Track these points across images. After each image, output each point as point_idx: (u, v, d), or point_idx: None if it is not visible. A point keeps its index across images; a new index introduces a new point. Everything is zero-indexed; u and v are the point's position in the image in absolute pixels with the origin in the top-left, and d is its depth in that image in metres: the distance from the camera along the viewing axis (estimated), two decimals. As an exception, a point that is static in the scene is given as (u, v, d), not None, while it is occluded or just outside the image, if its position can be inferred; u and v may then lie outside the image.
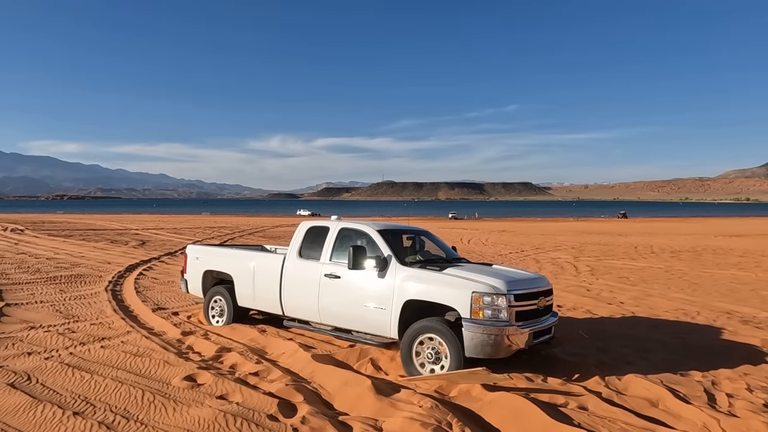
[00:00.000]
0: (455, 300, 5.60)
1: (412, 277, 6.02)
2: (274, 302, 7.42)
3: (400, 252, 6.57)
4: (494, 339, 5.36)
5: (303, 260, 7.15)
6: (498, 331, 5.38)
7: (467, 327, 5.44)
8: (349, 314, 6.54)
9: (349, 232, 6.97)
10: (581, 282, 13.46)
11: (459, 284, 5.67)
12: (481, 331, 5.38)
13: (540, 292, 6.05)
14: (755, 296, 11.52)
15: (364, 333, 6.48)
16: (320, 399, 5.06)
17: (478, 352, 5.41)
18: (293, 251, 7.29)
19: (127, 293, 10.81)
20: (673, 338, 7.73)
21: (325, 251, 6.93)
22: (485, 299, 5.46)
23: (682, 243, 27.57)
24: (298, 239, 7.32)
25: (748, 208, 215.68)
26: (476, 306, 5.46)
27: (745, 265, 17.58)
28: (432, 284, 5.86)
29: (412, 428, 4.18)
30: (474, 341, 5.39)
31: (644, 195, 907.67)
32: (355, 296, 6.44)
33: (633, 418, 4.55)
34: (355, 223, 7.13)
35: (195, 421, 4.32)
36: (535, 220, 73.03)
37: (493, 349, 5.39)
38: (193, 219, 54.91)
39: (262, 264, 7.69)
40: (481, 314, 5.44)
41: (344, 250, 6.72)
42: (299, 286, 7.09)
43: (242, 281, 7.86)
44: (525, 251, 22.46)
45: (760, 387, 5.57)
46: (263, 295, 7.57)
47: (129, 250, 19.59)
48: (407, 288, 5.98)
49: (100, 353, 6.36)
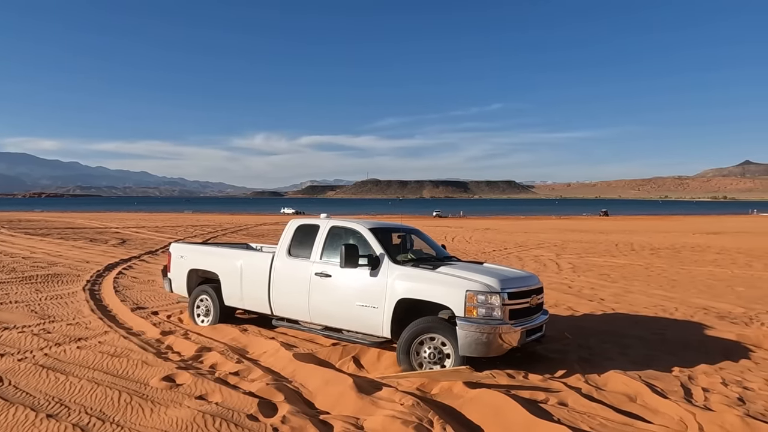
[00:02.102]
0: (449, 298, 5.59)
1: (405, 276, 5.98)
2: (263, 301, 7.31)
3: (391, 250, 6.51)
4: (488, 337, 5.37)
5: (292, 259, 7.05)
6: (492, 329, 5.39)
7: (461, 325, 5.44)
8: (341, 313, 6.47)
9: (339, 230, 6.89)
10: (563, 279, 13.60)
11: (453, 283, 5.65)
12: (475, 329, 5.38)
13: (532, 290, 6.08)
14: (731, 292, 11.76)
15: (355, 332, 6.42)
16: (301, 398, 5.02)
17: (472, 350, 5.41)
18: (282, 250, 7.18)
19: (106, 293, 10.61)
20: (652, 334, 7.84)
21: (315, 250, 6.84)
22: (479, 298, 5.46)
23: (661, 240, 28.04)
24: (287, 237, 7.21)
25: (725, 206, 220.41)
26: (470, 304, 5.46)
27: (722, 262, 17.94)
28: (425, 283, 5.84)
29: (393, 426, 4.16)
30: (468, 340, 5.39)
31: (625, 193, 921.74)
32: (347, 295, 6.38)
33: (612, 414, 4.60)
34: (346, 221, 7.05)
35: (173, 422, 4.25)
36: (518, 218, 73.65)
37: (487, 348, 5.40)
38: (176, 217, 54.22)
39: (250, 263, 7.56)
40: (475, 313, 5.44)
41: (335, 249, 6.65)
42: (289, 285, 6.99)
43: (229, 280, 7.72)
44: (508, 249, 22.62)
45: (735, 381, 5.67)
46: (251, 295, 7.45)
47: (108, 249, 19.25)
48: (400, 286, 5.95)
49: (76, 354, 6.22)
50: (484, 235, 32.65)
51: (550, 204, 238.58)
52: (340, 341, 6.90)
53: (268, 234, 29.64)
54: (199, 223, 42.20)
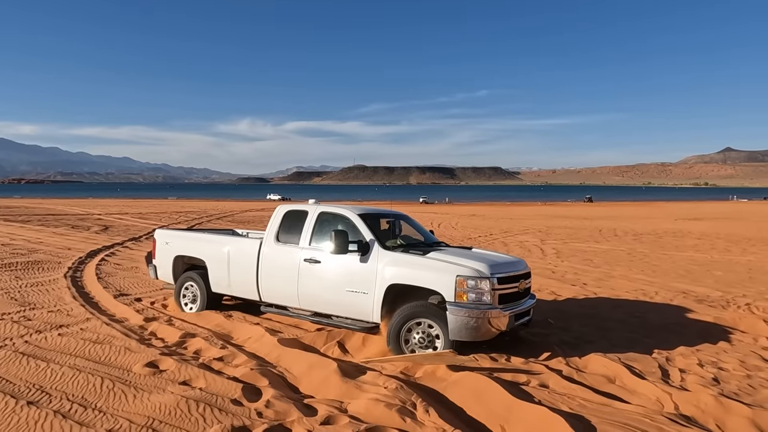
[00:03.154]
0: (439, 284, 5.63)
1: (395, 262, 6.00)
2: (251, 288, 7.26)
3: (381, 236, 6.52)
4: (478, 322, 5.43)
5: (281, 245, 7.01)
6: (481, 314, 5.45)
7: (451, 310, 5.49)
8: (330, 299, 6.47)
9: (328, 216, 6.86)
10: (547, 264, 13.76)
11: (443, 268, 5.69)
12: (465, 314, 5.43)
13: (520, 275, 6.15)
14: (710, 276, 12.01)
15: (344, 318, 6.43)
16: (286, 383, 5.04)
17: (462, 335, 5.47)
18: (270, 236, 7.13)
19: (88, 280, 10.48)
20: (632, 317, 7.99)
21: (304, 236, 6.81)
22: (469, 283, 5.50)
23: (643, 226, 28.45)
24: (275, 223, 7.16)
25: (707, 192, 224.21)
26: (460, 289, 5.50)
27: (702, 247, 18.28)
28: (416, 268, 5.87)
29: (376, 409, 4.21)
30: (458, 324, 5.44)
31: (609, 180, 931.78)
32: (337, 281, 6.38)
33: (591, 394, 4.70)
34: (335, 206, 7.02)
35: (156, 408, 4.24)
36: (504, 204, 74.10)
37: (477, 332, 5.46)
38: (159, 204, 53.58)
39: (237, 249, 7.49)
40: (465, 297, 5.49)
41: (324, 235, 6.64)
42: (277, 271, 6.95)
43: (216, 267, 7.65)
44: (493, 235, 22.78)
45: (711, 362, 5.82)
46: (239, 281, 7.40)
47: (91, 236, 18.98)
48: (391, 272, 5.96)
49: (58, 341, 6.16)
50: (470, 221, 32.83)
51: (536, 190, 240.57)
52: (325, 326, 6.92)
53: (254, 220, 29.46)
54: (184, 209, 41.76)
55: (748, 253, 16.58)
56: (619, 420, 4.07)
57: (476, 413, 4.32)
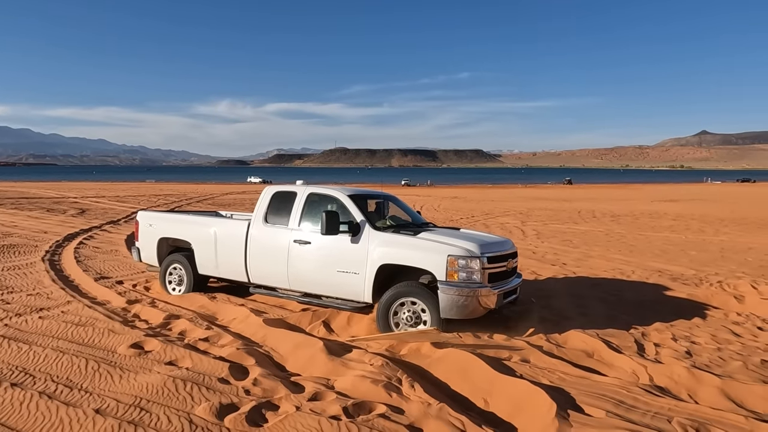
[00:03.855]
0: (431, 263, 5.71)
1: (386, 242, 6.06)
2: (239, 269, 7.24)
3: (371, 217, 6.55)
4: (468, 300, 5.54)
5: (269, 226, 6.98)
6: (472, 292, 5.56)
7: (443, 289, 5.58)
8: (321, 280, 6.49)
9: (318, 197, 6.85)
10: (528, 245, 13.97)
11: (434, 248, 5.77)
12: (456, 293, 5.54)
13: (508, 255, 6.26)
14: (684, 256, 12.36)
15: (335, 298, 6.48)
16: (272, 362, 5.09)
17: (453, 313, 5.58)
18: (258, 217, 7.09)
19: (67, 263, 10.32)
20: (610, 295, 8.21)
21: (294, 217, 6.80)
22: (460, 262, 5.60)
23: (621, 208, 29.01)
24: (263, 205, 7.11)
25: (682, 174, 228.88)
26: (452, 269, 5.60)
27: (677, 227, 18.75)
28: (408, 248, 5.93)
29: (363, 385, 4.28)
30: (449, 303, 5.55)
31: (588, 162, 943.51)
32: (327, 261, 6.41)
33: (570, 368, 4.85)
34: (324, 188, 7.01)
35: (143, 387, 4.25)
36: (485, 186, 74.63)
37: (467, 310, 5.58)
38: (137, 187, 52.62)
39: (224, 231, 7.42)
40: (456, 276, 5.59)
41: (313, 216, 6.64)
42: (267, 252, 6.94)
43: (203, 249, 7.59)
44: (475, 217, 23.00)
45: (684, 336, 6.05)
46: (227, 263, 7.35)
47: (67, 219, 18.60)
48: (382, 252, 6.02)
49: (39, 324, 6.08)
50: (452, 203, 33.04)
51: (517, 173, 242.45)
52: (310, 306, 6.96)
53: (234, 203, 29.18)
54: (163, 192, 41.12)
55: (721, 233, 17.08)
56: (596, 391, 4.23)
57: (460, 388, 4.44)
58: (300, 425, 3.64)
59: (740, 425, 3.71)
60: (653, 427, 3.62)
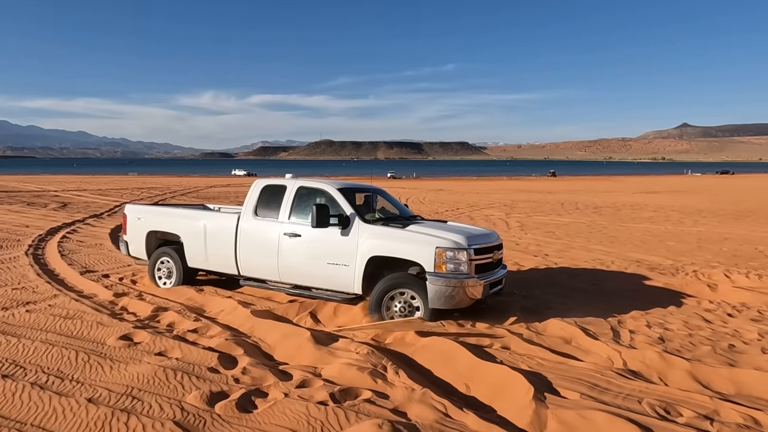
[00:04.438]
0: (420, 255, 5.88)
1: (376, 235, 6.20)
2: (230, 262, 7.31)
3: (360, 210, 6.69)
4: (456, 291, 5.73)
5: (260, 219, 7.07)
6: (459, 283, 5.74)
7: (431, 280, 5.75)
8: (312, 272, 6.62)
9: (307, 190, 6.96)
10: (511, 237, 14.22)
11: (423, 240, 5.94)
12: (444, 283, 5.72)
13: (494, 246, 6.47)
14: (662, 246, 12.71)
15: (325, 289, 6.62)
16: (261, 351, 5.21)
17: (441, 303, 5.76)
18: (248, 210, 7.17)
19: (51, 257, 10.27)
20: (589, 285, 8.46)
21: (284, 210, 6.89)
22: (448, 254, 5.77)
23: (604, 199, 29.51)
24: (252, 198, 7.19)
25: (664, 166, 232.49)
26: (440, 260, 5.77)
27: (657, 219, 19.19)
28: (397, 241, 6.09)
29: (349, 372, 4.43)
30: (438, 293, 5.73)
31: (572, 154, 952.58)
32: (318, 254, 6.53)
33: (548, 354, 5.06)
34: (314, 181, 7.14)
35: (134, 377, 4.34)
36: (470, 179, 75.09)
37: (455, 300, 5.77)
38: (119, 180, 51.93)
39: (214, 224, 7.49)
40: (444, 268, 5.77)
41: (304, 209, 6.76)
42: (257, 245, 7.03)
43: (193, 242, 7.64)
44: (460, 209, 23.24)
45: (658, 323, 6.30)
46: (217, 256, 7.42)
47: (49, 213, 18.40)
48: (372, 245, 6.16)
49: (26, 317, 6.11)
50: (437, 195, 33.27)
51: (502, 165, 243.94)
52: (297, 298, 7.08)
53: (219, 196, 29.06)
54: (146, 185, 40.69)
55: (699, 224, 17.53)
56: (572, 376, 4.43)
57: (443, 374, 4.61)
58: (288, 411, 3.77)
59: (705, 404, 3.94)
60: (624, 407, 3.82)
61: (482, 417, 3.68)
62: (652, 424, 3.55)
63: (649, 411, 3.80)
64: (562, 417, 3.61)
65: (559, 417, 3.61)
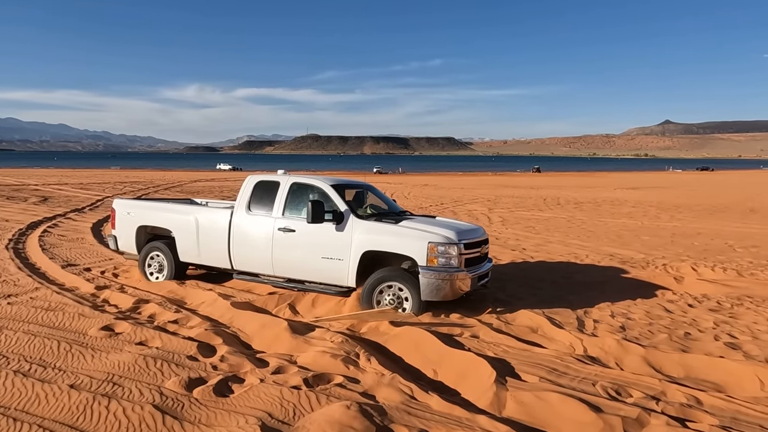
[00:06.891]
0: (412, 250, 6.13)
1: (370, 230, 6.43)
2: (223, 257, 7.44)
3: (352, 205, 6.90)
4: (447, 283, 6.00)
5: (253, 215, 7.20)
6: (450, 276, 6.01)
7: (423, 274, 6.01)
8: (305, 266, 6.80)
9: (301, 186, 7.13)
10: (492, 231, 14.51)
11: (416, 235, 6.19)
12: (435, 277, 5.98)
13: (481, 241, 6.77)
14: (637, 241, 13.10)
15: (319, 283, 6.82)
16: (239, 341, 5.39)
17: (433, 295, 6.03)
18: (241, 206, 7.30)
19: (32, 251, 10.31)
20: (561, 278, 8.77)
21: (277, 206, 7.05)
22: (440, 248, 6.04)
23: (585, 195, 30.03)
24: (245, 193, 7.32)
25: (646, 163, 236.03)
26: (432, 255, 6.03)
27: (635, 214, 19.65)
28: (390, 236, 6.33)
29: (323, 360, 4.65)
30: (429, 286, 5.99)
31: (557, 150, 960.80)
32: (312, 249, 6.72)
33: (514, 342, 5.32)
34: (307, 177, 7.31)
35: (115, 365, 4.51)
36: (456, 174, 75.52)
37: (446, 292, 6.03)
38: (101, 173, 51.36)
39: (207, 219, 7.59)
40: (436, 262, 6.04)
41: (297, 205, 6.94)
42: (251, 240, 7.17)
43: (184, 236, 7.72)
44: (444, 204, 23.52)
45: (621, 313, 6.61)
46: (210, 250, 7.53)
47: (29, 207, 18.27)
48: (366, 240, 6.39)
49: (8, 309, 6.21)
50: (422, 191, 33.54)
51: (487, 161, 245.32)
52: (276, 290, 7.27)
53: (204, 191, 28.99)
54: (129, 179, 40.33)
55: (675, 219, 18.02)
56: (534, 361, 4.70)
57: (413, 361, 4.85)
58: (263, 395, 3.98)
59: (654, 386, 4.23)
60: (578, 389, 4.10)
61: (446, 399, 3.92)
62: (601, 403, 3.82)
63: (601, 392, 4.08)
64: (520, 398, 3.87)
65: (517, 398, 3.87)
